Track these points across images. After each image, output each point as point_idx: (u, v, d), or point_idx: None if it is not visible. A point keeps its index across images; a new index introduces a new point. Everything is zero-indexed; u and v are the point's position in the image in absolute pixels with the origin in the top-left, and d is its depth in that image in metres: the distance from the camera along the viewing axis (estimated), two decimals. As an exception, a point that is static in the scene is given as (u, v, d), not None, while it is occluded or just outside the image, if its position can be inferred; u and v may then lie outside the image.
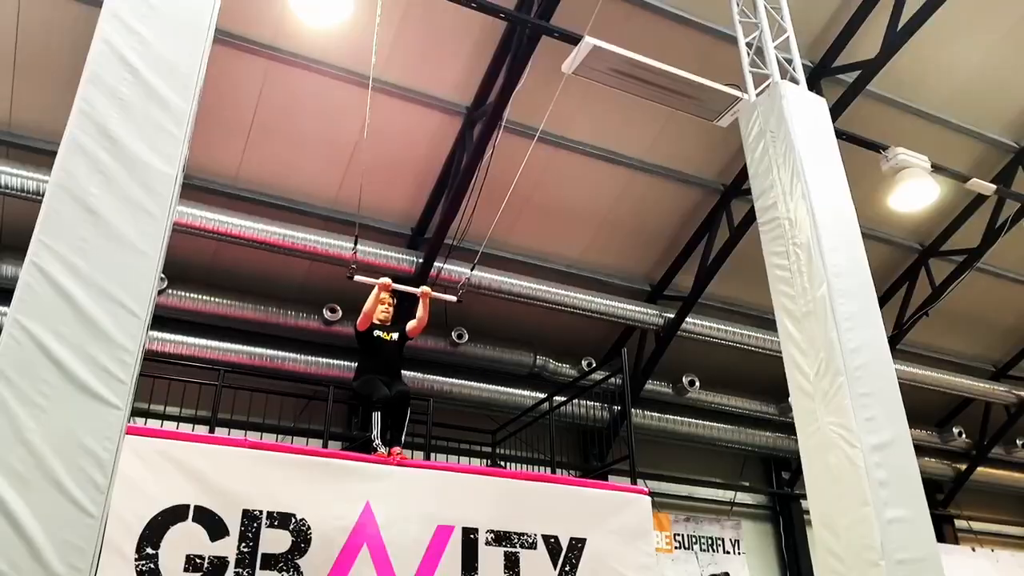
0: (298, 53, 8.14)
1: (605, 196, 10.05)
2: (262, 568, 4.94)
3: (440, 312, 9.76)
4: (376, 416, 6.01)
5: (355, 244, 6.75)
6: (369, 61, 8.33)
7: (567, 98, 8.75)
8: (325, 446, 7.71)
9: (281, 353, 9.15)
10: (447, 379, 9.77)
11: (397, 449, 6.02)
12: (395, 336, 6.68)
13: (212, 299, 8.94)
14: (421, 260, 9.13)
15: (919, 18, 8.34)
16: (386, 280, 6.64)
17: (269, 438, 7.90)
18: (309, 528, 5.12)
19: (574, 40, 6.73)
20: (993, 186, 9.65)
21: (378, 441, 5.87)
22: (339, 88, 8.46)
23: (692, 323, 10.51)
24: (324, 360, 9.33)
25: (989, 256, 11.07)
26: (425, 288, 6.80)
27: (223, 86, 8.05)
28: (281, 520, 5.08)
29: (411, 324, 6.72)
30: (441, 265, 9.11)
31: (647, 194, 10.14)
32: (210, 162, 8.67)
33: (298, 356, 9.21)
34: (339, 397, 8.70)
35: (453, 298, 6.80)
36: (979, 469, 13.28)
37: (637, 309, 10.46)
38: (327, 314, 9.25)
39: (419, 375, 9.71)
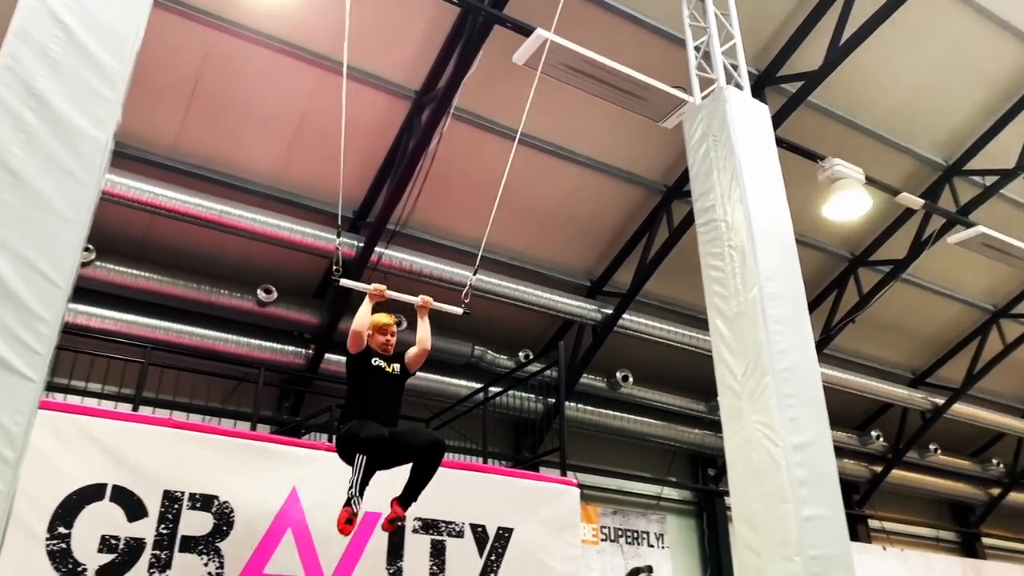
0: (243, 24, 7.93)
1: (553, 191, 10.10)
2: (181, 551, 4.82)
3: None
4: (360, 460, 4.46)
5: (338, 237, 5.79)
6: (317, 37, 8.20)
7: (519, 90, 8.74)
8: (254, 429, 7.59)
9: (212, 333, 8.92)
10: (382, 366, 9.67)
11: (399, 513, 4.67)
12: (397, 368, 5.02)
13: (142, 274, 8.65)
14: (362, 245, 9.01)
15: (860, 35, 8.59)
16: (379, 287, 5.04)
17: (196, 419, 7.73)
18: (232, 511, 5.02)
19: (527, 31, 6.72)
20: (921, 201, 10.02)
21: (354, 491, 4.41)
22: (285, 63, 8.27)
23: (629, 320, 10.66)
24: (256, 342, 9.15)
25: (914, 268, 11.50)
26: (426, 298, 5.22)
27: (164, 53, 7.79)
28: (203, 502, 4.97)
29: (411, 353, 5.07)
30: (383, 251, 9.01)
31: (592, 191, 10.22)
32: (147, 132, 8.39)
33: (229, 336, 9.00)
34: (270, 380, 8.59)
35: (459, 310, 5.42)
36: (894, 472, 13.83)
37: (576, 304, 10.56)
38: (262, 295, 9.07)
39: (354, 360, 9.61)
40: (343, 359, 9.36)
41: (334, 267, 5.05)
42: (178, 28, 7.76)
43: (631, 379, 11.17)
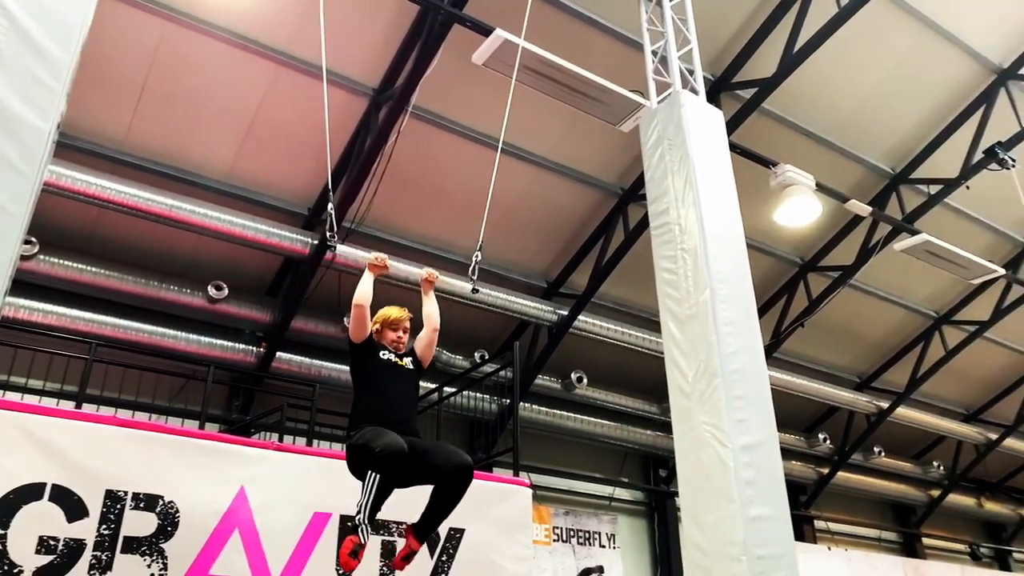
0: (198, 17, 7.78)
1: (511, 192, 10.10)
2: (123, 551, 4.70)
3: (333, 296, 9.58)
4: (372, 479, 3.81)
5: (331, 201, 4.98)
6: (273, 31, 8.08)
7: (478, 90, 8.76)
8: (202, 428, 7.45)
9: (160, 329, 8.73)
10: (335, 365, 9.58)
11: (414, 547, 4.11)
12: (409, 362, 4.52)
13: (89, 268, 8.43)
14: (316, 242, 8.91)
15: (813, 44, 8.77)
16: (381, 256, 4.48)
17: (142, 417, 7.55)
18: (177, 511, 4.91)
19: (486, 31, 6.72)
20: (869, 208, 10.27)
21: (362, 517, 3.81)
22: (240, 57, 8.14)
23: (584, 321, 10.73)
24: (206, 339, 8.98)
25: (861, 274, 11.80)
26: (431, 271, 4.78)
27: (115, 44, 7.62)
28: (147, 502, 4.85)
29: (421, 340, 4.58)
30: (337, 248, 8.91)
31: (550, 192, 10.26)
32: (96, 123, 8.19)
33: (179, 333, 8.82)
34: (220, 378, 8.43)
35: (469, 286, 5.05)
36: (839, 474, 14.15)
37: (532, 304, 10.58)
38: (213, 291, 8.90)
39: (306, 360, 9.50)
40: (295, 357, 9.48)
41: (328, 233, 4.63)
42: (130, 18, 7.58)
43: (585, 380, 11.24)
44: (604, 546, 11.40)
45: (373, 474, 3.79)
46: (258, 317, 9.29)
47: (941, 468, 15.62)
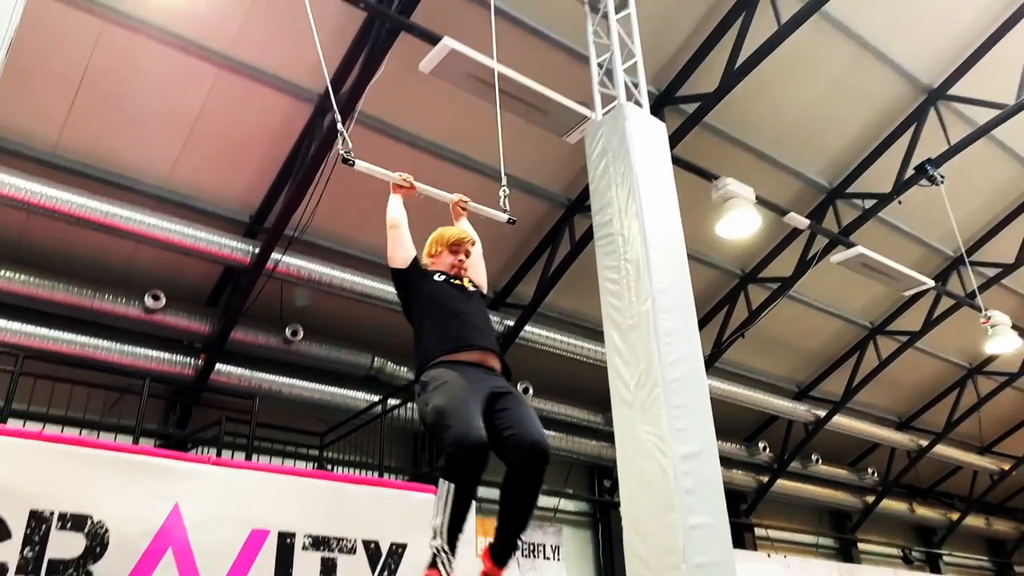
0: (138, 17, 7.56)
1: (455, 201, 10.06)
2: (48, 574, 4.50)
3: (275, 307, 9.40)
4: (447, 491, 2.98)
5: (337, 118, 4.57)
6: (218, 34, 7.91)
7: (425, 97, 8.71)
8: (136, 443, 7.21)
9: (94, 341, 8.43)
10: (276, 377, 9.40)
11: (495, 572, 3.21)
12: (471, 286, 3.86)
13: (16, 276, 8.10)
14: (258, 251, 8.73)
15: (754, 60, 8.96)
16: (406, 176, 4.15)
17: (72, 433, 7.27)
18: (107, 531, 4.73)
19: (434, 40, 6.69)
20: (807, 221, 10.53)
21: (441, 542, 3.03)
22: (181, 60, 7.94)
23: (531, 332, 10.74)
24: (142, 351, 8.70)
25: (800, 285, 12.08)
26: (463, 196, 4.45)
27: (48, 42, 7.35)
28: (75, 522, 4.66)
29: (471, 266, 3.93)
30: (279, 257, 8.75)
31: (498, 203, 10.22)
32: (27, 125, 7.89)
33: (113, 345, 8.52)
34: (155, 391, 8.17)
35: (503, 216, 4.59)
36: (779, 481, 14.44)
37: (478, 315, 10.53)
38: (149, 301, 8.64)
39: (247, 372, 9.29)
40: (235, 370, 9.25)
41: (341, 150, 4.12)
42: (65, 16, 7.33)
43: (531, 391, 11.24)
44: (548, 558, 11.39)
45: (448, 485, 2.92)
46: (197, 328, 9.04)
47: (875, 475, 16.08)
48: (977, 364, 15.46)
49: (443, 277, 3.73)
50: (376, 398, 9.06)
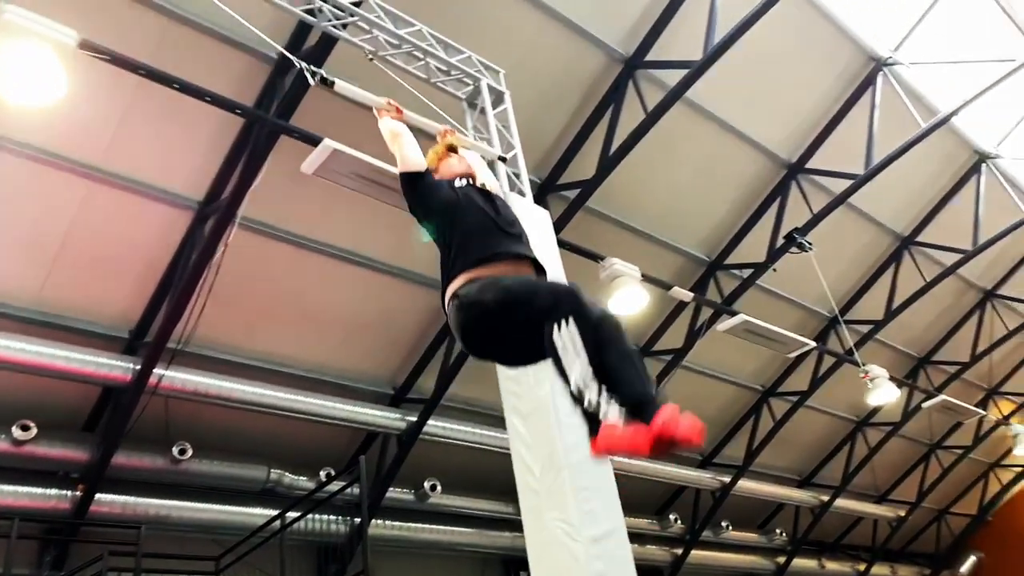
0: (-3, 134, 7.23)
1: (351, 299, 9.92)
2: None
3: (160, 426, 8.85)
4: (571, 336, 2.53)
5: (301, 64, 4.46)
6: (90, 147, 7.64)
7: (309, 198, 8.64)
8: (4, 591, 6.50)
9: (-48, 480, 7.65)
10: (164, 501, 8.76)
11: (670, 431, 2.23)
12: (485, 185, 3.57)
13: None
14: (139, 367, 8.25)
15: (626, 146, 9.44)
16: (390, 100, 4.03)
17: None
18: None
19: (315, 141, 6.69)
20: (691, 294, 10.96)
21: (593, 395, 2.44)
22: (47, 175, 7.60)
23: (434, 425, 10.51)
24: (10, 488, 7.92)
25: (692, 355, 12.46)
26: (448, 127, 4.31)
27: None
28: None
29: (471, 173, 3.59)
30: (163, 372, 8.30)
31: (391, 296, 10.16)
32: None
33: (-25, 482, 7.75)
34: (26, 531, 7.44)
35: (496, 151, 3.96)
36: (693, 552, 14.46)
37: (379, 414, 10.26)
38: (18, 432, 7.92)
39: (131, 499, 8.61)
40: (117, 498, 8.57)
41: (315, 79, 3.68)
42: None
43: (439, 488, 10.93)
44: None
45: (570, 330, 2.38)
46: (73, 456, 8.35)
47: (783, 535, 16.39)
48: (863, 417, 16.23)
49: (464, 181, 3.37)
50: (274, 512, 8.55)
